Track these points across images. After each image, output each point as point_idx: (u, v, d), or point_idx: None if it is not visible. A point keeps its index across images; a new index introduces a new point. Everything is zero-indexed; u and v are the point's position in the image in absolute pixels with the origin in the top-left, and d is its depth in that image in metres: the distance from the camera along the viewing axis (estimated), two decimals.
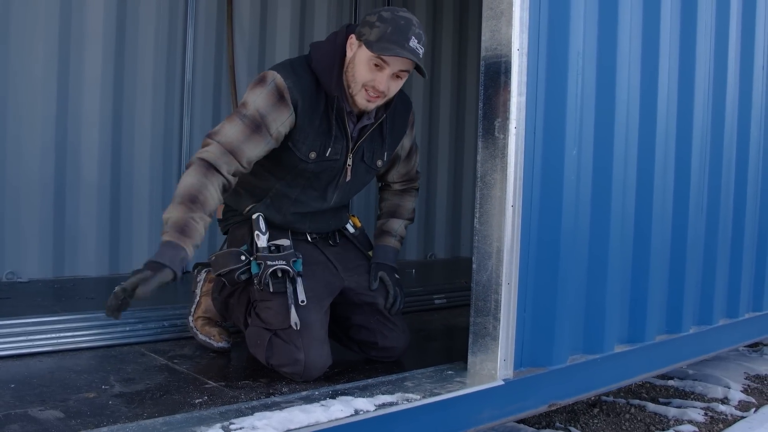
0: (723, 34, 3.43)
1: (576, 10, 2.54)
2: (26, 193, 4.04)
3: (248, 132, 2.38)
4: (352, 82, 2.45)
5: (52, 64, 4.09)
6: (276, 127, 2.41)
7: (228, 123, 2.40)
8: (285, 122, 2.42)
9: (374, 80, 2.41)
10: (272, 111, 2.40)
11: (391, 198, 2.96)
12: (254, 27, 5.04)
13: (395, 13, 2.41)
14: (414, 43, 2.37)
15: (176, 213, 2.23)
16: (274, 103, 2.40)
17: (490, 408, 2.41)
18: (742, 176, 3.68)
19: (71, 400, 2.13)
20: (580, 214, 2.64)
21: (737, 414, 3.50)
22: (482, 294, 2.43)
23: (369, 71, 2.40)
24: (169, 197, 4.54)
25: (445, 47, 6.32)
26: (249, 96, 2.43)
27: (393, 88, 2.47)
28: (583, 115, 2.62)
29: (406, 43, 2.36)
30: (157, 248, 2.19)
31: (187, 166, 2.35)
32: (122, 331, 2.86)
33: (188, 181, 2.28)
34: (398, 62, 2.39)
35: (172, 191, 4.55)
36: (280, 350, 2.41)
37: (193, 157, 2.35)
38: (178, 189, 2.29)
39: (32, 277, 4.05)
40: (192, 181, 2.28)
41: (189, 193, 2.26)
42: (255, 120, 2.38)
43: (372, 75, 2.40)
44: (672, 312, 3.22)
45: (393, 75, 2.42)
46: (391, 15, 2.39)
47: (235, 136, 2.37)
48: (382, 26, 2.37)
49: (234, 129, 2.38)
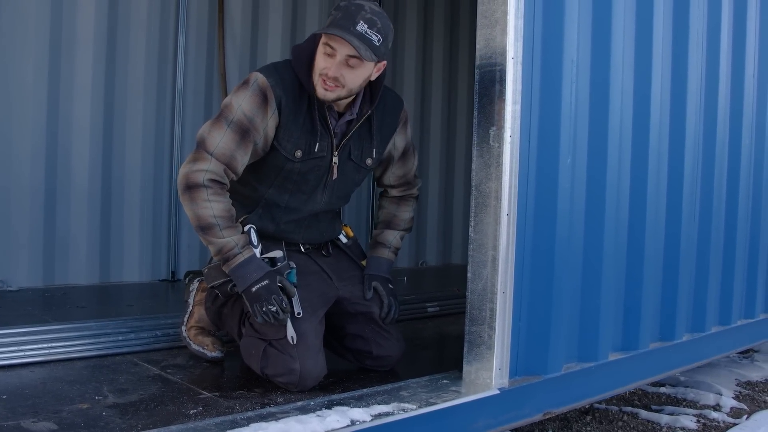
0: (714, 44, 3.45)
1: (570, 19, 2.55)
2: (16, 200, 4.01)
3: (237, 139, 2.39)
4: (314, 74, 2.45)
5: (42, 70, 4.07)
6: (263, 127, 2.42)
7: (216, 130, 2.40)
8: (270, 122, 2.43)
9: (326, 67, 2.40)
10: (258, 112, 2.41)
11: (388, 207, 2.95)
12: (245, 34, 5.03)
13: (351, 1, 2.41)
14: (363, 27, 2.34)
15: (235, 237, 2.40)
16: (259, 104, 2.41)
17: (485, 417, 2.41)
18: (733, 184, 3.70)
19: (64, 412, 2.10)
20: (575, 223, 2.64)
21: (729, 421, 3.50)
22: (477, 303, 2.43)
23: (323, 60, 2.40)
24: (160, 204, 4.59)
25: (436, 53, 6.32)
26: (233, 99, 2.43)
27: (348, 77, 2.42)
28: (577, 124, 2.62)
29: (352, 27, 2.34)
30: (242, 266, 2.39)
31: (192, 187, 2.36)
32: (115, 340, 2.85)
33: (218, 207, 2.38)
34: (345, 47, 2.36)
35: (163, 198, 4.59)
36: (275, 360, 2.40)
37: (198, 178, 2.35)
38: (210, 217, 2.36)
39: (22, 285, 4.02)
40: (220, 206, 2.38)
41: (227, 217, 2.40)
42: (242, 125, 2.39)
43: (325, 63, 2.40)
44: (665, 319, 3.23)
45: (344, 63, 2.39)
46: (346, 3, 2.40)
47: (227, 146, 2.38)
48: (335, 13, 2.39)
49: (224, 138, 2.38)
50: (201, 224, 2.36)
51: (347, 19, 2.35)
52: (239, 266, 2.37)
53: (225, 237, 2.35)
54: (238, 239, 2.38)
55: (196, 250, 4.76)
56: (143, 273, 4.57)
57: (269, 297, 2.33)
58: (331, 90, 2.43)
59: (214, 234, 2.35)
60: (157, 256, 4.64)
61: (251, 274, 2.36)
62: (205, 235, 2.37)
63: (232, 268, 2.38)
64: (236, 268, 2.37)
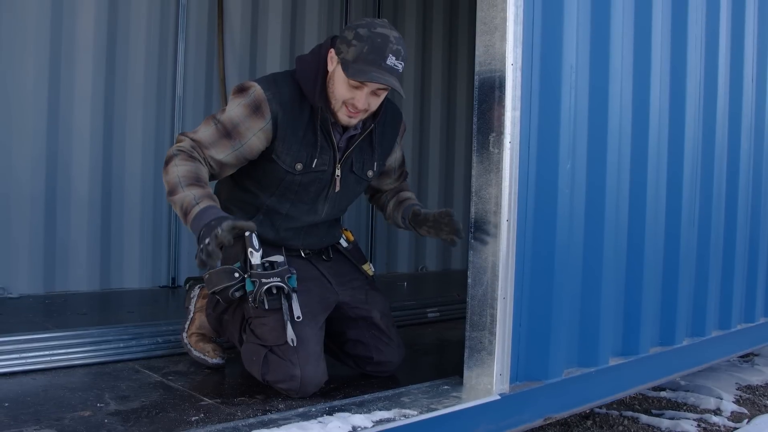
0: (713, 48, 3.46)
1: (569, 25, 2.55)
2: (16, 207, 4.03)
3: (217, 136, 2.41)
4: (332, 98, 2.46)
5: (42, 77, 4.08)
6: (249, 136, 2.43)
7: (203, 125, 2.46)
8: (258, 133, 2.43)
9: (353, 99, 2.41)
10: (245, 120, 2.42)
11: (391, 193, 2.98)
12: (245, 40, 5.05)
13: (372, 29, 2.37)
14: (392, 61, 2.35)
15: (195, 191, 2.27)
16: (249, 115, 2.42)
17: (486, 422, 2.41)
18: (733, 188, 3.71)
19: (66, 419, 2.11)
20: (575, 228, 2.65)
21: (730, 425, 3.50)
22: (478, 308, 2.43)
23: (347, 90, 2.40)
24: (161, 211, 4.60)
25: (435, 60, 6.34)
26: (228, 104, 2.47)
27: (373, 103, 2.47)
28: (577, 129, 2.63)
29: (383, 62, 2.34)
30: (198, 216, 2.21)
31: (166, 161, 2.35)
32: (116, 347, 2.85)
33: (182, 169, 2.31)
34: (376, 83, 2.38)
35: (163, 205, 4.59)
36: (275, 366, 2.40)
37: (170, 152, 2.37)
38: (174, 178, 2.29)
39: (23, 292, 4.02)
40: (185, 167, 2.31)
41: (191, 176, 2.30)
42: (226, 127, 2.42)
43: (351, 93, 2.41)
44: (665, 324, 3.23)
45: (372, 93, 2.42)
46: (367, 32, 2.36)
47: (205, 137, 2.41)
48: (359, 45, 2.35)
49: (206, 131, 2.43)
50: (169, 189, 2.30)
51: (377, 54, 2.34)
52: (195, 217, 2.22)
53: (184, 192, 2.26)
54: (198, 192, 2.26)
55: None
56: (143, 279, 4.57)
57: (209, 232, 2.14)
58: (355, 116, 2.46)
59: (176, 192, 2.28)
60: (158, 262, 4.64)
61: (203, 219, 2.20)
62: (171, 198, 2.30)
63: (190, 220, 2.23)
64: (193, 219, 2.22)
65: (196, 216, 2.23)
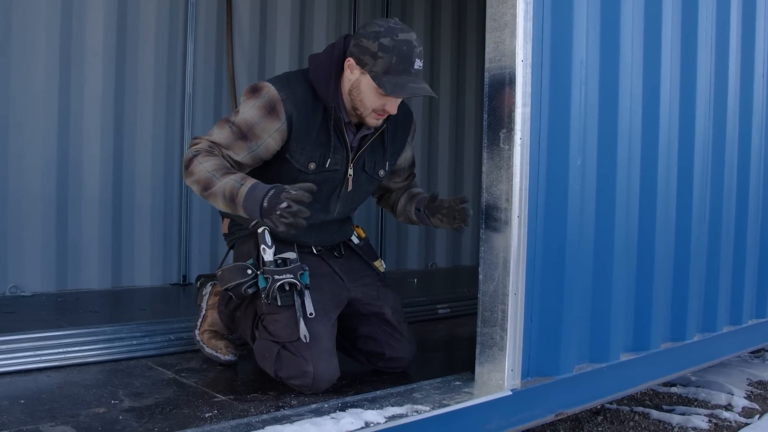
0: (723, 43, 3.45)
1: (579, 21, 2.55)
2: (28, 207, 4.04)
3: (233, 138, 2.42)
4: (360, 106, 2.48)
5: (53, 78, 4.10)
6: (265, 137, 2.44)
7: (217, 127, 2.46)
8: (274, 134, 2.44)
9: (384, 105, 2.45)
10: (261, 121, 2.42)
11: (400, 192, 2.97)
12: (254, 39, 5.06)
13: (394, 37, 2.38)
14: (418, 65, 2.40)
15: (232, 176, 2.28)
16: (264, 116, 2.43)
17: (498, 418, 2.42)
18: (743, 183, 3.70)
19: (81, 416, 2.12)
20: (585, 224, 2.65)
21: (741, 421, 3.50)
22: (489, 304, 2.44)
23: (378, 98, 2.43)
24: (171, 209, 4.62)
25: (444, 57, 6.34)
26: (242, 105, 2.48)
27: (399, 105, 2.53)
28: (587, 125, 2.63)
29: (411, 69, 2.38)
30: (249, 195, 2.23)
31: (187, 164, 2.36)
32: (129, 345, 2.87)
33: (210, 163, 2.32)
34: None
35: (173, 203, 4.62)
36: (288, 363, 2.41)
37: (188, 154, 2.38)
38: (205, 173, 2.31)
39: (35, 290, 4.05)
40: (212, 161, 2.33)
41: (222, 166, 2.33)
42: (241, 129, 2.42)
43: (382, 101, 2.44)
44: (676, 320, 3.23)
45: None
46: (391, 41, 2.37)
47: (221, 139, 2.42)
48: (386, 56, 2.37)
49: (221, 133, 2.43)
50: (202, 185, 2.31)
51: (406, 63, 2.37)
52: (247, 196, 2.23)
53: (223, 179, 2.28)
54: (236, 177, 2.28)
55: (207, 254, 4.79)
56: (155, 277, 4.59)
57: (278, 197, 2.18)
58: (381, 118, 2.51)
59: (213, 185, 2.28)
60: (169, 260, 4.66)
61: (258, 194, 2.22)
62: (208, 192, 2.31)
63: (241, 202, 2.24)
64: (245, 199, 2.23)
65: (246, 195, 2.24)
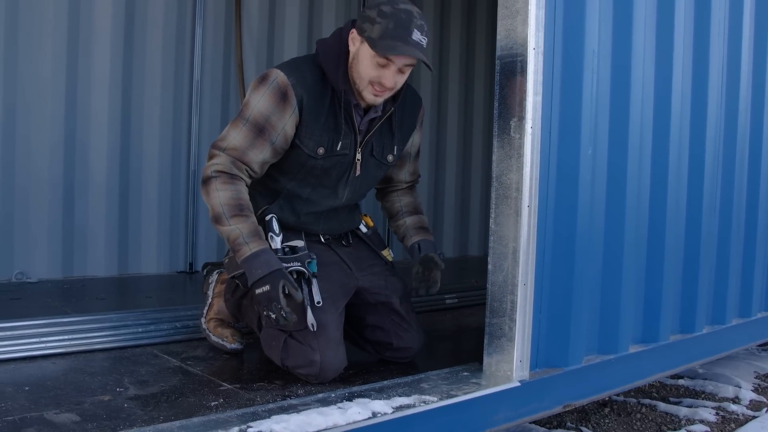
0: (736, 32, 3.41)
1: (591, 9, 2.52)
2: (35, 194, 4.04)
3: (252, 137, 2.39)
4: (357, 78, 2.43)
5: (60, 64, 4.09)
6: (282, 126, 2.41)
7: (232, 129, 2.43)
8: (289, 120, 2.42)
9: (380, 77, 2.39)
10: (275, 111, 2.39)
11: (404, 197, 2.94)
12: (262, 26, 5.04)
13: (395, 5, 2.35)
14: (417, 36, 2.34)
15: (241, 225, 2.33)
16: (277, 103, 2.39)
17: (506, 409, 2.40)
18: (755, 175, 3.67)
19: (86, 403, 2.11)
20: (595, 214, 2.62)
21: (749, 413, 3.48)
22: (498, 295, 2.41)
23: (374, 68, 2.38)
24: (178, 196, 4.61)
25: (453, 45, 6.31)
26: (251, 97, 2.43)
27: (399, 81, 2.45)
28: (598, 114, 2.60)
29: (409, 38, 2.32)
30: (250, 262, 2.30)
31: (205, 181, 2.38)
32: (135, 332, 2.86)
33: (224, 195, 2.35)
34: (403, 58, 2.37)
35: (180, 190, 4.61)
36: (295, 352, 2.40)
37: (208, 171, 2.38)
38: (217, 206, 2.35)
39: (41, 277, 4.05)
40: (227, 194, 2.35)
41: (234, 205, 2.35)
42: (257, 123, 2.39)
43: (377, 72, 2.39)
44: (686, 312, 3.21)
45: (398, 70, 2.41)
46: (391, 8, 2.34)
47: (239, 143, 2.39)
48: (383, 22, 2.33)
49: (238, 135, 2.40)
50: (212, 214, 2.37)
51: (402, 29, 2.32)
52: (245, 260, 2.31)
53: (230, 225, 2.32)
54: (244, 228, 2.32)
55: (214, 242, 4.78)
56: (161, 264, 4.59)
57: (269, 305, 2.25)
58: (381, 95, 2.45)
59: (221, 223, 2.33)
60: (175, 247, 4.66)
61: (255, 270, 2.28)
62: (216, 225, 2.36)
63: (240, 260, 2.33)
64: (244, 261, 2.31)
65: (247, 260, 2.30)
